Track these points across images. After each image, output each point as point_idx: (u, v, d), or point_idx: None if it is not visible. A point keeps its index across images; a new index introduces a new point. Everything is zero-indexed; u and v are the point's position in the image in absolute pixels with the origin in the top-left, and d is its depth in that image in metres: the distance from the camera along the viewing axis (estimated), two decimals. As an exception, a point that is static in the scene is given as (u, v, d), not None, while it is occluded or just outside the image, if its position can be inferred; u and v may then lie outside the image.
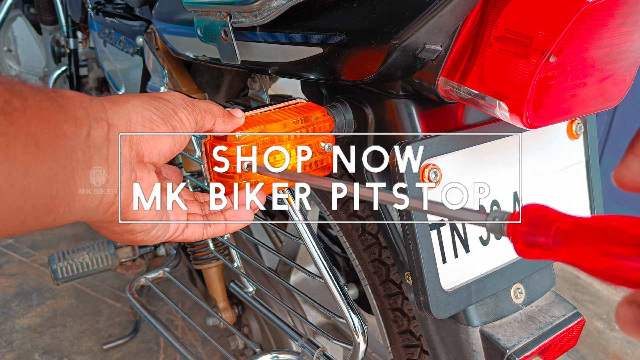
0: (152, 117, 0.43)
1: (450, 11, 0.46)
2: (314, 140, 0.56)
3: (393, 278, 0.73)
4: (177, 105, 0.46)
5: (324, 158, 0.57)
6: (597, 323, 1.69)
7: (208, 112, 0.48)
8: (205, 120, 0.48)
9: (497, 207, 0.59)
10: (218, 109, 0.49)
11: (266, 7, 0.56)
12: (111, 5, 1.24)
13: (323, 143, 0.56)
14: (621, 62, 0.50)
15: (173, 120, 0.45)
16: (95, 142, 0.39)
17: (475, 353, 0.59)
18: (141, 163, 0.43)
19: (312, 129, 0.56)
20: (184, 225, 0.48)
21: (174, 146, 0.45)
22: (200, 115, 0.47)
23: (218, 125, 0.49)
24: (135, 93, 0.44)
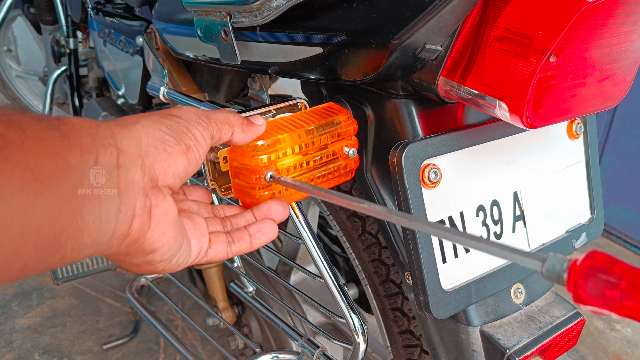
0: (163, 137, 0.41)
1: (451, 11, 0.46)
2: (337, 145, 0.54)
3: (393, 278, 0.73)
4: (191, 121, 0.43)
5: (348, 163, 0.56)
6: (597, 323, 1.69)
7: (225, 123, 0.46)
8: (223, 132, 0.46)
9: (496, 206, 0.59)
10: (236, 118, 0.47)
11: (266, 7, 0.56)
12: (111, 5, 1.24)
13: (347, 148, 0.55)
14: (621, 62, 0.50)
15: (187, 139, 0.42)
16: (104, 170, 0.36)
17: (475, 353, 0.59)
18: (156, 188, 0.40)
19: (337, 134, 0.54)
20: (206, 247, 0.46)
21: (188, 166, 0.43)
22: (217, 128, 0.45)
23: (237, 135, 0.47)
24: (145, 113, 0.42)
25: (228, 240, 0.47)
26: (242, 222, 0.49)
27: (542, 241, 0.62)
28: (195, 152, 0.43)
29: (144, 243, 0.39)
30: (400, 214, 0.40)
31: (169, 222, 0.40)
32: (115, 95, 1.48)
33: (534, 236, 0.62)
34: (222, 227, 0.48)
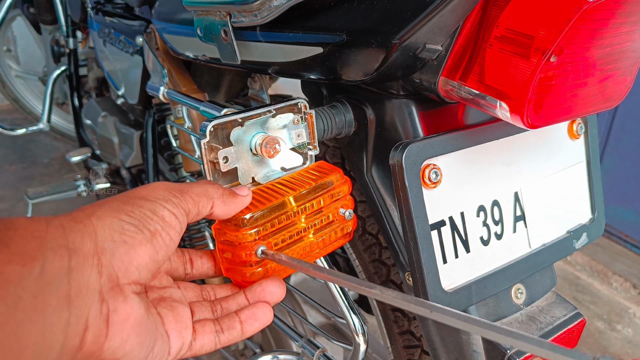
0: (122, 228, 0.36)
1: (451, 11, 0.45)
2: (332, 208, 0.52)
3: (393, 278, 0.73)
4: (158, 200, 0.39)
5: (345, 226, 0.53)
6: (597, 323, 1.69)
7: (202, 196, 0.42)
8: (201, 205, 0.42)
9: (497, 207, 0.58)
10: (215, 189, 0.43)
11: (266, 6, 0.56)
12: (111, 5, 1.24)
13: (342, 209, 0.52)
14: (622, 62, 0.50)
15: (151, 224, 0.38)
16: (52, 278, 0.31)
17: (475, 353, 0.59)
18: (115, 289, 0.36)
19: (330, 196, 0.51)
20: (190, 340, 0.41)
21: (156, 254, 0.38)
22: (193, 202, 0.41)
23: (218, 208, 0.43)
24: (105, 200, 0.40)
25: (216, 330, 0.43)
26: (233, 306, 0.45)
27: (542, 241, 0.62)
28: (164, 236, 0.38)
29: (102, 355, 0.35)
30: (419, 302, 0.36)
31: (131, 327, 0.36)
32: (115, 95, 1.48)
33: (535, 236, 0.62)
34: (212, 312, 0.44)
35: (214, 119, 0.51)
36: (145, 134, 1.21)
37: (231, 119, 0.52)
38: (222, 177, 0.53)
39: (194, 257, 0.47)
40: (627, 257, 1.97)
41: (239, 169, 0.53)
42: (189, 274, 0.47)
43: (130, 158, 1.33)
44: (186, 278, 0.47)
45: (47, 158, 2.86)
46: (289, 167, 0.57)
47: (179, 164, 1.07)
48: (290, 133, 0.56)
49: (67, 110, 2.44)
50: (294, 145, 0.57)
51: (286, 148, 0.56)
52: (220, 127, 0.51)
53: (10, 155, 2.89)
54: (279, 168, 0.56)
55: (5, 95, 2.59)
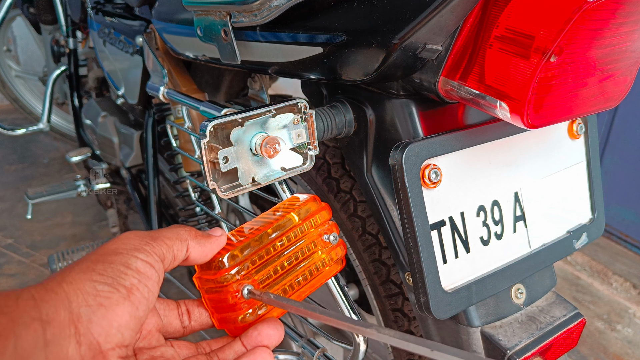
0: (96, 289, 0.34)
1: (451, 11, 0.45)
2: (315, 234, 0.50)
3: (393, 278, 0.73)
4: (130, 252, 0.38)
5: (333, 252, 0.51)
6: (597, 323, 1.69)
7: (175, 239, 0.40)
8: (175, 249, 0.40)
9: (497, 207, 0.58)
10: (188, 232, 0.42)
11: (266, 6, 0.55)
12: (111, 5, 1.24)
13: (326, 235, 0.51)
14: (622, 62, 0.50)
15: (126, 279, 0.36)
16: (28, 355, 0.30)
17: (475, 353, 0.59)
18: (99, 357, 0.34)
19: (309, 224, 0.49)
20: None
21: (136, 311, 0.36)
22: (166, 247, 0.40)
23: (193, 250, 0.42)
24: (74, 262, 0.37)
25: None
26: (230, 355, 0.43)
27: (542, 241, 0.62)
28: (141, 290, 0.36)
29: None
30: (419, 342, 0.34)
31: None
32: (114, 95, 1.48)
33: (535, 236, 0.62)
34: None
35: (214, 119, 0.51)
36: (145, 134, 1.21)
37: (231, 119, 0.52)
38: (222, 177, 0.53)
39: (190, 307, 0.45)
40: (627, 257, 1.97)
41: (239, 169, 0.53)
42: (187, 326, 0.45)
43: (130, 158, 1.33)
44: (185, 332, 0.45)
45: (47, 158, 2.86)
46: (289, 167, 0.57)
47: (179, 164, 1.07)
48: (290, 133, 0.56)
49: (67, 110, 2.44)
50: (294, 145, 0.57)
51: (286, 148, 0.56)
52: (220, 127, 0.51)
53: (10, 155, 2.89)
54: (279, 168, 0.56)
55: (5, 95, 2.59)
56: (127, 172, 1.44)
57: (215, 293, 0.44)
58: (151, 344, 0.41)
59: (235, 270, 0.44)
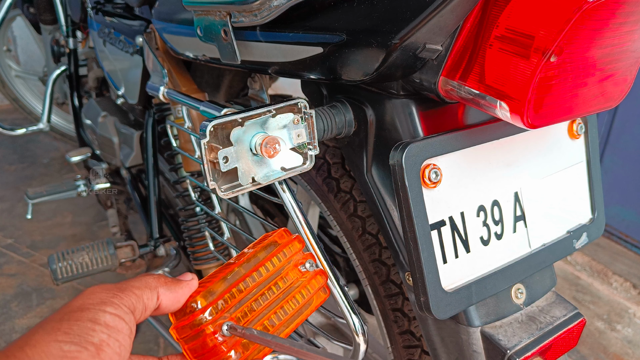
0: (62, 350, 0.32)
1: (451, 11, 0.45)
2: (289, 267, 0.49)
3: (393, 278, 0.73)
4: (97, 306, 0.36)
5: (314, 280, 0.50)
6: (597, 323, 1.69)
7: (144, 288, 0.39)
8: (146, 298, 0.39)
9: (497, 206, 0.58)
10: (157, 279, 0.41)
11: (266, 6, 0.55)
12: (111, 5, 1.24)
13: (302, 266, 0.49)
14: (622, 62, 0.50)
15: (94, 335, 0.34)
16: None
17: (475, 353, 0.59)
18: None
19: (282, 255, 0.48)
20: None
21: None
22: (136, 297, 0.38)
23: (164, 297, 0.40)
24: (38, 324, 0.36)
25: None
26: None
27: (542, 241, 0.62)
28: (112, 345, 0.35)
29: None
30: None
31: None
32: (114, 95, 1.48)
33: (535, 236, 0.62)
34: None
35: (214, 119, 0.51)
36: (145, 134, 1.21)
37: (231, 119, 0.52)
38: (222, 177, 0.53)
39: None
40: (627, 257, 1.97)
41: (239, 169, 0.53)
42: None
43: (130, 158, 1.33)
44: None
45: (47, 158, 2.86)
46: (289, 167, 0.57)
47: (179, 164, 1.07)
48: (290, 133, 0.56)
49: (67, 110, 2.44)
50: (294, 145, 0.57)
51: (286, 148, 0.56)
52: (220, 127, 0.51)
53: (10, 155, 2.89)
54: (279, 168, 0.56)
55: (5, 95, 2.59)
56: (127, 172, 1.44)
57: (194, 340, 0.42)
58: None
59: (209, 311, 0.42)
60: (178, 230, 1.28)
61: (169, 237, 1.26)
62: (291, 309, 0.48)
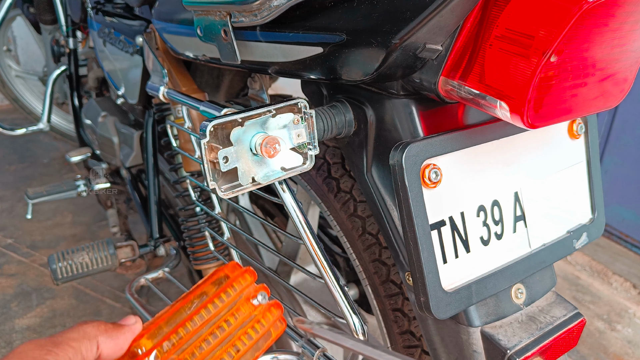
0: None
1: (451, 11, 0.45)
2: (241, 302, 0.46)
3: (393, 278, 0.73)
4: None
5: (268, 313, 0.48)
6: (597, 323, 1.69)
7: (82, 339, 0.36)
8: (84, 349, 0.36)
9: (497, 206, 0.58)
10: (96, 327, 0.38)
11: (266, 6, 0.55)
12: (111, 5, 1.24)
13: (254, 299, 0.47)
14: (622, 62, 0.50)
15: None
16: None
17: (475, 353, 0.59)
18: None
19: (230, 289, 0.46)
20: None
21: None
22: (73, 351, 0.35)
23: (105, 345, 0.38)
24: None
25: None
26: None
27: (542, 241, 0.62)
28: None
29: None
30: None
31: None
32: (114, 95, 1.48)
33: (535, 236, 0.62)
34: None
35: (214, 119, 0.51)
36: (145, 134, 1.21)
37: (231, 119, 0.52)
38: (222, 177, 0.53)
39: None
40: (627, 257, 1.97)
41: (239, 169, 0.53)
42: None
43: (130, 158, 1.33)
44: None
45: (47, 158, 2.86)
46: (289, 167, 0.57)
47: (179, 164, 1.07)
48: (290, 133, 0.56)
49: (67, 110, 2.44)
50: (294, 145, 0.57)
51: (286, 148, 0.56)
52: (220, 127, 0.51)
53: (10, 155, 2.89)
54: (279, 168, 0.56)
55: (5, 95, 2.59)
56: (127, 172, 1.44)
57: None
58: None
59: (154, 355, 0.40)
60: (178, 230, 1.28)
61: (169, 237, 1.26)
62: (244, 345, 0.46)
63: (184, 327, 0.43)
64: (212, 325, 0.44)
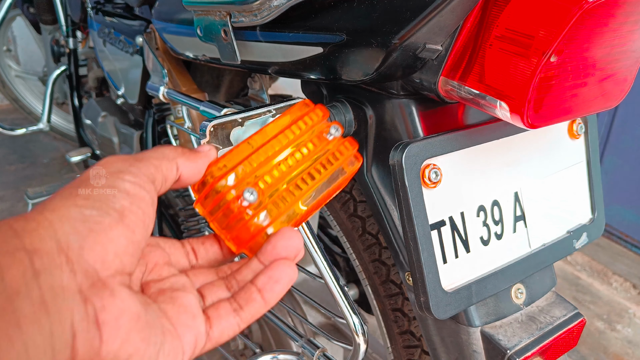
0: (83, 215, 0.31)
1: (451, 11, 0.45)
2: (315, 133, 0.46)
3: (393, 278, 0.73)
4: (114, 174, 0.34)
5: (342, 145, 0.47)
6: (597, 323, 1.69)
7: (162, 159, 0.37)
8: (165, 168, 0.37)
9: (497, 207, 0.58)
10: (175, 150, 0.39)
11: (266, 6, 0.55)
12: (111, 5, 1.24)
13: (328, 134, 0.46)
14: (622, 62, 0.50)
15: (116, 201, 0.32)
16: (18, 285, 0.27)
17: (475, 353, 0.59)
18: (98, 284, 0.30)
19: (302, 123, 0.45)
20: (204, 330, 0.35)
21: (132, 235, 0.33)
22: (154, 168, 0.36)
23: (184, 166, 0.38)
24: (56, 192, 0.33)
25: (234, 308, 0.37)
26: (249, 275, 0.39)
27: (542, 241, 0.62)
28: (135, 212, 0.33)
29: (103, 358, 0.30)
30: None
31: (128, 324, 0.31)
32: (114, 95, 1.48)
33: (535, 236, 0.62)
34: (227, 289, 0.38)
35: (214, 118, 0.51)
36: (145, 134, 1.21)
37: (231, 118, 0.52)
38: None
39: (195, 245, 0.42)
40: (627, 257, 1.97)
41: (239, 169, 0.53)
42: (195, 265, 0.41)
43: (130, 158, 1.33)
44: None
45: (47, 158, 2.86)
46: None
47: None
48: (290, 133, 0.56)
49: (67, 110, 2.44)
50: (294, 145, 0.56)
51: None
52: (220, 127, 0.51)
53: (10, 155, 2.89)
54: (279, 168, 0.56)
55: (5, 95, 2.59)
56: (127, 172, 1.43)
57: (219, 210, 0.40)
58: (160, 276, 0.38)
59: (232, 177, 0.40)
60: (178, 230, 1.28)
61: (169, 237, 1.26)
62: (319, 174, 0.44)
63: (257, 154, 0.42)
64: (285, 153, 0.43)
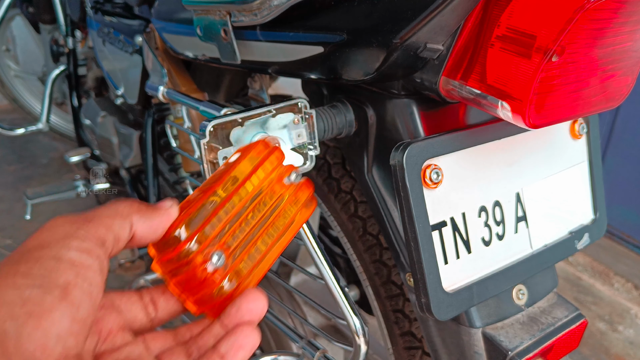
0: (22, 297, 0.28)
1: (452, 10, 0.45)
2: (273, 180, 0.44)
3: (394, 279, 0.72)
4: (59, 242, 0.31)
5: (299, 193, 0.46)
6: (599, 324, 1.68)
7: (115, 217, 0.34)
8: (117, 228, 0.34)
9: (499, 207, 0.58)
10: (130, 206, 0.36)
11: (266, 6, 0.55)
12: (110, 4, 1.23)
13: (287, 178, 0.45)
14: (624, 61, 0.50)
15: (59, 275, 0.30)
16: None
17: (477, 355, 0.59)
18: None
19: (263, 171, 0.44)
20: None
21: (77, 312, 0.30)
22: (104, 228, 0.33)
23: (139, 224, 0.35)
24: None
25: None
26: (210, 341, 0.37)
27: (544, 242, 0.62)
28: (80, 285, 0.30)
29: None
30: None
31: None
32: (114, 95, 1.48)
33: (536, 237, 0.61)
34: (187, 356, 0.36)
35: (214, 119, 0.50)
36: (144, 134, 1.20)
37: (231, 119, 0.51)
38: None
39: (155, 295, 0.39)
40: (629, 258, 1.97)
41: (239, 170, 0.52)
42: (155, 317, 0.39)
43: (130, 158, 1.33)
44: (153, 325, 0.39)
45: (46, 158, 2.86)
46: None
47: (178, 164, 1.07)
48: (290, 133, 0.56)
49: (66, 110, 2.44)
50: (294, 146, 0.56)
51: (286, 148, 0.56)
52: (220, 127, 0.51)
53: (9, 155, 2.88)
54: (279, 168, 0.55)
55: (4, 95, 2.59)
56: (126, 173, 1.43)
57: (181, 274, 0.38)
58: (115, 344, 0.35)
59: (196, 240, 0.38)
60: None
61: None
62: (278, 229, 0.43)
63: (223, 210, 0.40)
64: (248, 207, 0.42)
